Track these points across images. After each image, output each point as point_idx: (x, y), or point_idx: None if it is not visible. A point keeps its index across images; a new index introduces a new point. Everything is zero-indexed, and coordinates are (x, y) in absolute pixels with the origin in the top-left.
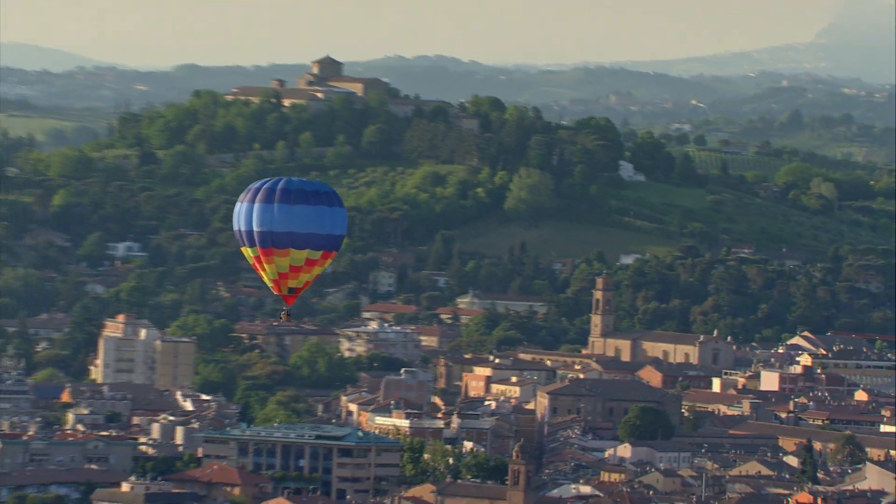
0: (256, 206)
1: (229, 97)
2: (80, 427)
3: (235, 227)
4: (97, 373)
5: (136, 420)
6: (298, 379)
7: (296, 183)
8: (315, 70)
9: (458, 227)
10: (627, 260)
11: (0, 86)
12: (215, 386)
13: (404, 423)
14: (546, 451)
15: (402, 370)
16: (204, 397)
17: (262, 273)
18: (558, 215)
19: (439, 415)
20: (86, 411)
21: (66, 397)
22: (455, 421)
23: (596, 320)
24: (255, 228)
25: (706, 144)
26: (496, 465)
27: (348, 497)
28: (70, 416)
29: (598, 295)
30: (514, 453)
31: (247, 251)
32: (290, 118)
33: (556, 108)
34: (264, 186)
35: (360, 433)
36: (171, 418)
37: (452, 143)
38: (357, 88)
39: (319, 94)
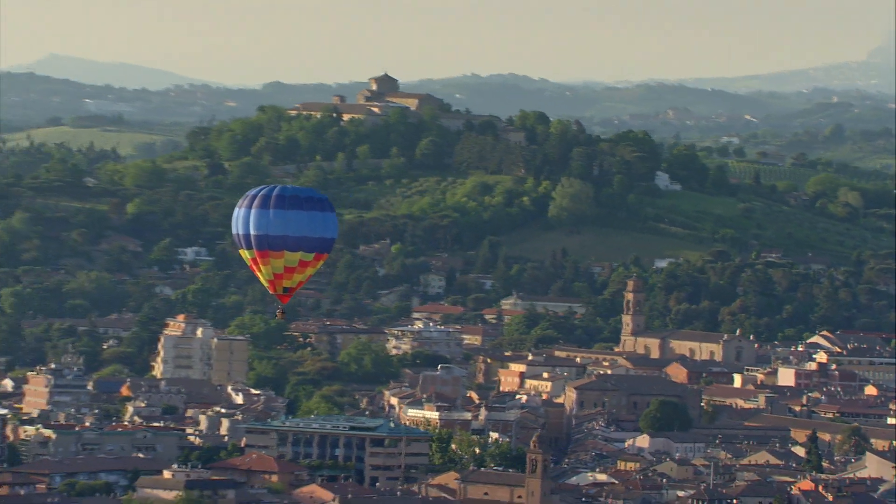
0: (254, 211)
1: (292, 112)
2: (137, 419)
3: (234, 231)
4: (158, 369)
5: (189, 412)
6: (346, 374)
7: (290, 190)
8: (373, 86)
9: (504, 234)
10: (662, 264)
11: (99, 102)
12: (268, 381)
13: (434, 416)
14: (571, 441)
15: (438, 366)
16: (254, 391)
17: (259, 274)
18: (598, 222)
19: (471, 408)
20: (143, 404)
21: (125, 391)
22: (483, 413)
23: (627, 320)
24: (252, 232)
25: (745, 156)
26: (518, 454)
27: (378, 484)
28: (129, 409)
29: (628, 296)
30: (532, 443)
31: (244, 253)
32: (348, 132)
33: (616, 122)
34: (261, 193)
35: (392, 424)
36: (221, 411)
37: (500, 154)
38: (412, 104)
39: (376, 109)
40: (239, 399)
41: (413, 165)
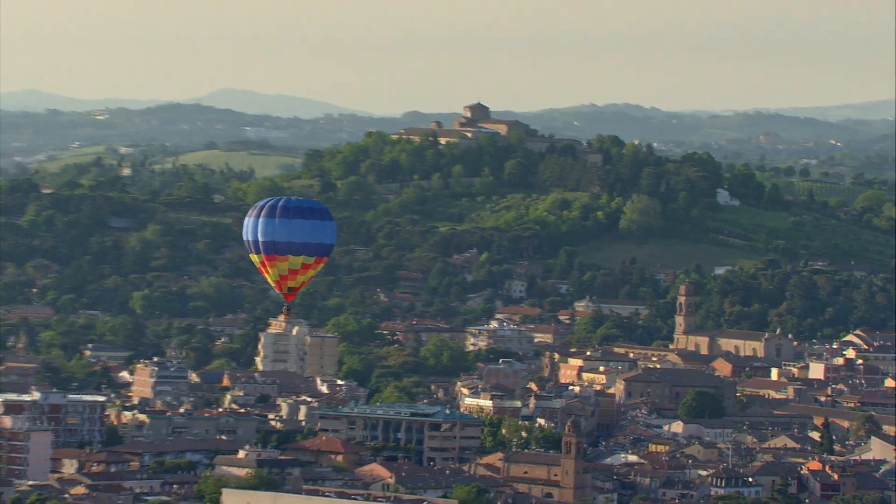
0: (261, 220)
1: (395, 136)
2: (234, 406)
3: (244, 238)
4: (259, 363)
5: (280, 401)
6: (426, 368)
7: (294, 201)
8: (467, 114)
9: (580, 244)
10: (719, 271)
11: (256, 130)
12: (356, 374)
13: (488, 404)
14: (616, 427)
15: (501, 361)
16: (339, 382)
17: (267, 275)
18: (664, 234)
19: (528, 397)
20: (240, 393)
21: (225, 382)
22: (532, 402)
23: (679, 320)
24: (261, 238)
25: (809, 176)
26: (559, 437)
27: (434, 464)
28: (227, 398)
29: (681, 300)
30: (567, 428)
31: (254, 257)
32: (444, 153)
33: (714, 146)
34: (268, 204)
35: (448, 411)
36: (307, 399)
37: (578, 173)
38: (501, 129)
39: (469, 134)
40: (324, 389)
41: (501, 183)
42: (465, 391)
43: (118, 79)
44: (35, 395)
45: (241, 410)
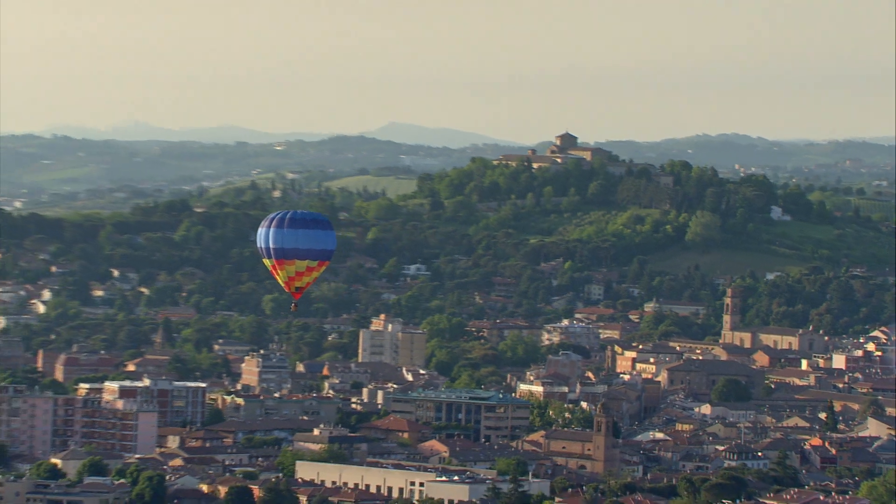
0: (272, 230)
1: (496, 162)
2: (331, 392)
3: (258, 245)
4: (360, 355)
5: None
6: (503, 360)
7: (300, 214)
8: (557, 142)
9: (651, 253)
10: (770, 276)
11: (412, 158)
12: (443, 365)
13: (538, 389)
14: (657, 410)
15: (560, 353)
16: (422, 371)
17: (277, 277)
18: (723, 245)
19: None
20: (337, 381)
21: (325, 371)
22: (578, 388)
23: (726, 319)
24: (271, 245)
25: (865, 194)
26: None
27: (485, 440)
28: (326, 385)
29: (727, 301)
30: (598, 409)
31: (266, 262)
32: (537, 176)
33: (805, 170)
34: (278, 217)
35: (501, 395)
36: (389, 385)
37: (651, 193)
38: (586, 155)
39: (559, 159)
40: (409, 377)
41: (585, 202)
42: (531, 377)
43: (304, 114)
44: (146, 382)
45: (330, 394)
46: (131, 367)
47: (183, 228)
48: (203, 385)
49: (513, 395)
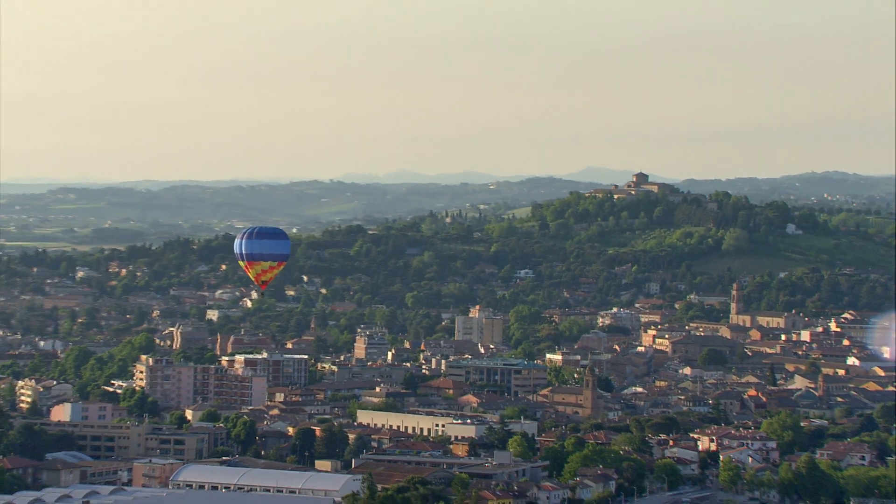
0: (244, 241)
1: (587, 194)
2: (422, 362)
3: (235, 251)
4: (456, 335)
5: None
6: (563, 338)
7: (264, 229)
8: (633, 179)
9: (696, 259)
10: (781, 275)
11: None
12: (517, 342)
13: (558, 357)
14: (658, 371)
15: (591, 331)
16: (491, 346)
17: (249, 274)
18: (749, 252)
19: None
20: (429, 353)
21: (422, 347)
22: (590, 355)
23: (732, 306)
24: (244, 251)
25: (881, 214)
26: (601, 379)
27: (512, 396)
28: (421, 357)
29: (733, 293)
30: (586, 370)
31: (241, 263)
32: (616, 203)
33: (877, 197)
34: (248, 231)
35: (525, 362)
36: (468, 356)
37: (699, 215)
38: (653, 188)
39: (632, 192)
40: (481, 350)
41: (651, 222)
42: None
43: (520, 159)
44: (264, 354)
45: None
46: (290, 346)
47: (357, 246)
48: (305, 357)
49: (535, 361)
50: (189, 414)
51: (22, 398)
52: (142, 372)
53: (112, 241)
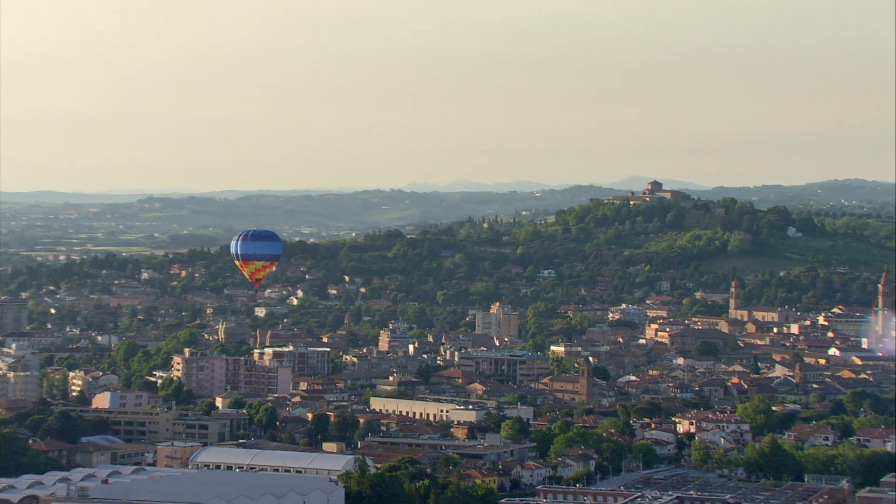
0: (239, 242)
1: (606, 200)
2: (443, 353)
3: (231, 252)
4: (477, 330)
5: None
6: (574, 331)
7: (257, 231)
8: (649, 187)
9: (704, 260)
10: (781, 273)
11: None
12: (532, 334)
13: (560, 349)
14: (655, 361)
15: (596, 325)
16: (506, 339)
17: (244, 272)
18: (753, 253)
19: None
20: (448, 345)
21: (443, 340)
22: (589, 348)
23: (731, 302)
24: (239, 252)
25: (881, 217)
26: (599, 368)
27: (516, 384)
28: (442, 349)
29: (732, 290)
30: (582, 361)
31: (237, 262)
32: (632, 209)
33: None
34: (243, 233)
35: (529, 353)
36: (483, 348)
37: (707, 219)
38: (666, 195)
39: (647, 198)
40: (496, 343)
41: (664, 226)
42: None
43: (571, 170)
44: (291, 347)
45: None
46: (325, 339)
47: (395, 249)
48: (328, 349)
49: (538, 353)
50: (219, 402)
51: (73, 387)
52: (178, 363)
53: (188, 246)
